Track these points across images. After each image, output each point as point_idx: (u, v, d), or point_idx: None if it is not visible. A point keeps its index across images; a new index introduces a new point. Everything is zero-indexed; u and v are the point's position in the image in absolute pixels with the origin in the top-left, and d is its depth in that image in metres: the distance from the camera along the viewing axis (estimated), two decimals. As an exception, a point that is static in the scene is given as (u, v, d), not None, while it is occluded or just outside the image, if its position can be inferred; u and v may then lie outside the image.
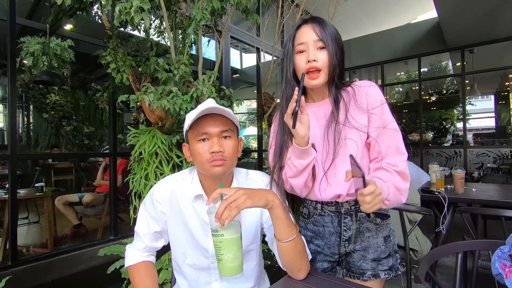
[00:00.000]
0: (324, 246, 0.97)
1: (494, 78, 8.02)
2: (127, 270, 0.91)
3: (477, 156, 5.52)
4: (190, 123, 0.82)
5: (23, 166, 5.26)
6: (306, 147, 0.83)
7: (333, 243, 0.96)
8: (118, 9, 1.34)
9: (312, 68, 0.85)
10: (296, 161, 0.85)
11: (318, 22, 0.87)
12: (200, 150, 0.81)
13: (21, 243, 2.92)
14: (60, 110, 5.70)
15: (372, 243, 0.93)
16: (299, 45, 0.87)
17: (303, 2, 2.91)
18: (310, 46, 0.86)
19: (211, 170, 0.81)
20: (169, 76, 1.69)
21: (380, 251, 0.93)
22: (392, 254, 0.95)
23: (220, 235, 0.69)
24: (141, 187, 1.74)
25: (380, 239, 0.94)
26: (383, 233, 0.95)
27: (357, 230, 0.93)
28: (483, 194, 2.19)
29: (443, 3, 4.09)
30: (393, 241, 0.96)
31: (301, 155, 0.84)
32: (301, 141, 0.82)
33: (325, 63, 0.85)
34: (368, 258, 0.93)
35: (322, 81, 0.87)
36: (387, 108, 0.88)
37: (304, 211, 1.02)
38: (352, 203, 0.92)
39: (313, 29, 0.86)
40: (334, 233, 0.95)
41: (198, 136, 0.82)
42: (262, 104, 3.10)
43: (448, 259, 2.62)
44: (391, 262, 0.94)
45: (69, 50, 2.80)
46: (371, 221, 0.93)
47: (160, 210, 0.89)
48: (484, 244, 0.97)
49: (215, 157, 0.80)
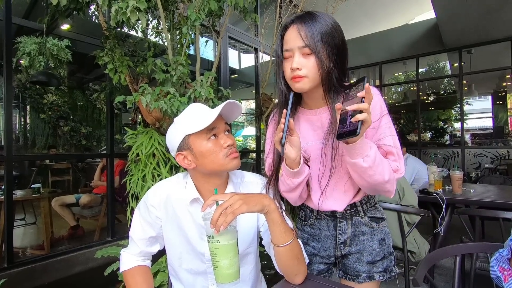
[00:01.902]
0: (320, 248, 0.98)
1: (492, 78, 8.07)
2: (122, 275, 0.90)
3: (475, 157, 5.54)
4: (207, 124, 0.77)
5: (20, 167, 5.23)
6: (297, 169, 0.80)
7: (328, 246, 0.96)
8: (114, 9, 1.33)
9: (296, 77, 0.78)
10: (288, 179, 0.84)
11: (305, 22, 0.77)
12: (215, 147, 0.80)
13: (17, 245, 2.90)
14: (58, 110, 5.67)
15: (367, 246, 0.93)
16: (285, 52, 0.80)
17: (302, 2, 2.91)
18: (296, 52, 0.78)
19: (231, 163, 0.82)
20: (166, 77, 1.68)
21: (375, 254, 0.93)
22: (387, 256, 0.95)
23: (216, 241, 0.68)
24: (138, 188, 1.73)
25: (375, 242, 0.93)
26: (378, 236, 0.94)
27: (353, 234, 0.93)
28: (481, 195, 2.19)
29: (441, 4, 4.10)
30: (387, 244, 0.96)
31: (293, 175, 0.82)
32: (291, 163, 0.79)
33: (312, 70, 0.77)
34: (363, 260, 0.93)
35: (307, 86, 0.79)
36: (386, 120, 0.82)
37: (301, 214, 1.03)
38: (347, 208, 0.92)
39: (298, 32, 0.77)
40: (329, 236, 0.95)
41: (208, 135, 0.81)
42: (260, 104, 3.10)
43: (447, 260, 2.62)
44: (386, 264, 0.94)
45: (66, 50, 2.79)
46: (366, 225, 0.93)
47: (155, 215, 0.88)
48: (483, 246, 0.97)
49: (231, 150, 0.82)
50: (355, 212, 0.92)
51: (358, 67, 6.62)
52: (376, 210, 0.96)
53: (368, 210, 0.94)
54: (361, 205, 0.93)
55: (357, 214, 0.92)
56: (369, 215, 0.93)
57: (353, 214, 0.92)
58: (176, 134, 0.83)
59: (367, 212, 0.93)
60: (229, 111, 0.84)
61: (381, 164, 0.75)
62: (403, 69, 7.64)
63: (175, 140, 0.83)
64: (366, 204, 0.93)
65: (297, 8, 3.09)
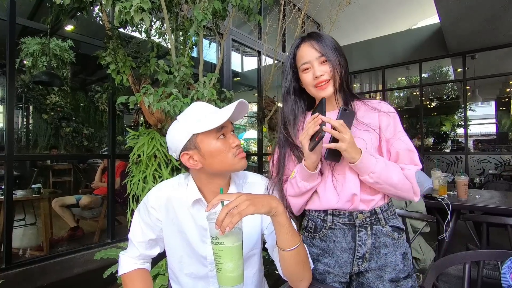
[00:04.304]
0: (335, 265, 0.86)
1: (495, 84, 8.03)
2: (121, 278, 0.88)
3: (479, 162, 5.49)
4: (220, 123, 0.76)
5: (21, 167, 5.23)
6: (315, 171, 0.82)
7: (345, 261, 0.86)
8: (118, 9, 1.32)
9: (321, 82, 0.86)
10: (301, 182, 0.84)
11: (315, 38, 0.89)
12: (224, 147, 0.79)
13: (16, 245, 2.88)
14: (60, 111, 5.68)
15: (389, 261, 0.84)
16: (303, 65, 0.89)
17: (305, 6, 2.91)
18: (314, 63, 0.87)
19: (240, 163, 0.80)
20: (169, 78, 1.67)
21: (399, 270, 0.84)
22: (411, 274, 0.86)
23: (220, 243, 0.66)
24: (139, 190, 1.71)
25: (399, 256, 0.85)
26: (401, 249, 0.86)
27: (373, 246, 0.84)
28: (486, 201, 2.15)
29: (445, 9, 4.09)
30: (410, 259, 0.88)
31: (307, 178, 0.83)
32: (311, 164, 0.81)
33: (331, 74, 0.86)
34: (385, 278, 0.83)
35: (331, 91, 0.87)
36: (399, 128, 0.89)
37: (310, 225, 0.91)
38: (367, 214, 0.84)
39: (312, 46, 0.88)
40: (347, 249, 0.85)
41: (218, 134, 0.79)
42: (263, 107, 3.09)
43: (451, 267, 2.57)
44: (410, 283, 0.84)
45: (69, 50, 2.79)
46: (388, 235, 0.84)
47: (156, 218, 0.85)
48: (493, 254, 0.94)
49: (239, 150, 0.81)
50: (376, 220, 0.85)
51: (361, 71, 6.61)
52: (396, 220, 0.89)
53: (389, 218, 0.87)
54: (381, 212, 0.86)
55: (378, 222, 0.85)
56: (391, 224, 0.86)
57: (373, 223, 0.85)
58: (182, 133, 0.79)
59: (388, 220, 0.86)
60: (238, 111, 0.82)
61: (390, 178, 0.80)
62: (406, 74, 7.62)
63: (180, 139, 0.79)
64: (387, 211, 0.87)
65: (301, 11, 3.09)
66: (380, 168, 0.78)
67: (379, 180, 0.79)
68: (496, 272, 1.49)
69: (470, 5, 3.86)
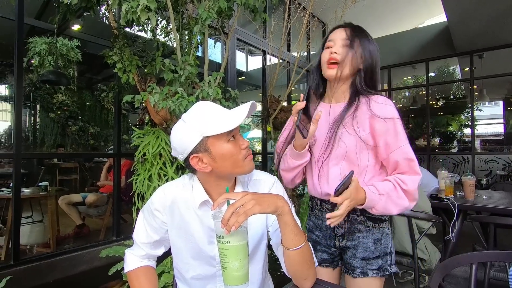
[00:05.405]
0: (322, 237, 1.06)
1: (503, 83, 7.90)
2: (126, 275, 0.88)
3: (486, 163, 5.42)
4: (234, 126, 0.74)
5: (28, 165, 5.30)
6: (301, 151, 0.93)
7: (329, 236, 1.04)
8: (125, 8, 1.33)
9: (331, 59, 0.92)
10: (290, 159, 0.97)
11: (352, 26, 0.96)
12: (235, 149, 0.77)
13: (24, 242, 2.92)
14: (67, 110, 5.75)
15: (361, 243, 0.98)
16: (328, 42, 0.96)
17: (310, 5, 2.89)
18: (337, 42, 0.94)
19: (249, 165, 0.80)
20: (174, 77, 1.68)
21: (369, 252, 0.98)
22: (382, 255, 0.98)
23: (226, 241, 0.66)
24: (144, 188, 1.72)
25: (370, 240, 0.98)
26: (374, 235, 0.98)
27: (349, 229, 0.99)
28: (494, 202, 2.12)
29: (453, 7, 4.04)
30: (384, 244, 0.99)
31: (296, 156, 0.95)
32: (299, 146, 0.92)
33: (345, 58, 0.91)
34: (358, 256, 0.98)
35: (332, 75, 0.93)
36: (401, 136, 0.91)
37: (310, 204, 1.13)
38: None
39: (345, 31, 0.95)
40: (329, 228, 1.02)
41: (229, 136, 0.76)
42: (267, 106, 3.08)
43: (457, 268, 2.55)
44: (380, 262, 0.97)
45: (76, 50, 2.82)
46: (361, 223, 0.98)
47: (161, 220, 0.85)
48: (501, 255, 0.93)
49: (248, 152, 0.80)
50: (352, 210, 0.90)
51: (366, 71, 6.55)
52: None
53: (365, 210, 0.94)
54: None
55: (354, 212, 0.97)
56: (366, 214, 0.97)
57: (350, 212, 0.95)
58: (191, 135, 0.75)
59: (364, 211, 0.96)
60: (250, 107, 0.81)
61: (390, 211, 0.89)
62: (413, 73, 7.54)
63: (189, 141, 0.76)
64: None
65: (306, 10, 3.08)
66: (382, 208, 0.88)
67: (380, 212, 0.89)
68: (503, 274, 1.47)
69: (477, 3, 3.80)
